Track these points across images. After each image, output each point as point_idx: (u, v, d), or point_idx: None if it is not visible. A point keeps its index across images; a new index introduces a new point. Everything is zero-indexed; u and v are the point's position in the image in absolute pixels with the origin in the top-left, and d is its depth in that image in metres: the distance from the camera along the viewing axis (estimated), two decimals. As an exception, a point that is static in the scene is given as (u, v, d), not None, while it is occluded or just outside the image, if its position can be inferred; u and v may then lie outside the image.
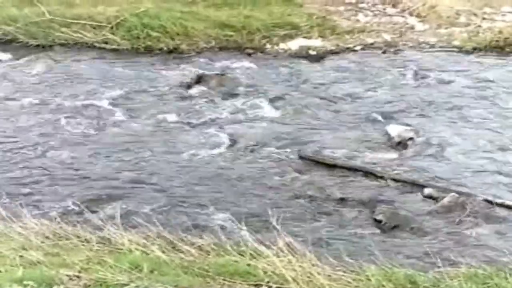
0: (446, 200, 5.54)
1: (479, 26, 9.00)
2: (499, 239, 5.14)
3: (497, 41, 8.55)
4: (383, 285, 4.14)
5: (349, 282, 4.21)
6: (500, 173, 5.98)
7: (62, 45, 8.79)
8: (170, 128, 6.89)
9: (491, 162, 6.15)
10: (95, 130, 6.86)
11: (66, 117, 7.09)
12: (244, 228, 4.76)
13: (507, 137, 6.59)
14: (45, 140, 6.65)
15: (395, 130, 6.65)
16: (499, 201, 5.52)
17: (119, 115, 7.15)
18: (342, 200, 5.63)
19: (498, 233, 5.23)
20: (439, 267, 4.37)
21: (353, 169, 6.03)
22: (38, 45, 8.81)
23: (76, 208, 5.42)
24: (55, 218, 4.96)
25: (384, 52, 8.58)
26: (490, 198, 5.54)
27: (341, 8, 9.65)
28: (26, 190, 5.77)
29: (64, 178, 5.97)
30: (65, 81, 7.93)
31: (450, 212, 5.44)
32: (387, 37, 8.91)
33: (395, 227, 5.29)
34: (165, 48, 8.69)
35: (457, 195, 5.58)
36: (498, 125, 6.83)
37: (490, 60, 8.30)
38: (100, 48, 8.71)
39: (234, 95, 7.55)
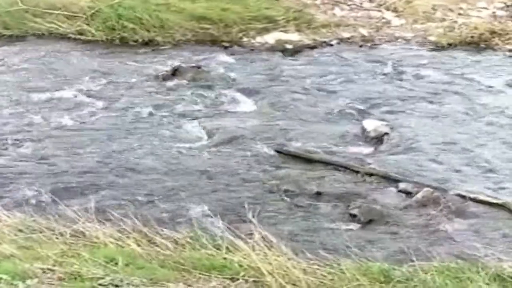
0: (420, 195, 5.59)
1: (455, 21, 9.08)
2: (472, 234, 5.21)
3: (472, 37, 8.63)
4: (357, 279, 4.18)
5: (324, 276, 4.24)
6: (474, 168, 6.05)
7: (35, 35, 8.67)
8: (145, 121, 6.85)
9: (465, 157, 6.22)
10: (69, 122, 6.79)
11: (39, 109, 7.01)
12: (220, 221, 4.76)
13: (481, 132, 6.66)
14: (18, 132, 6.57)
15: (370, 124, 6.69)
16: (472, 196, 5.59)
17: (93, 108, 7.09)
18: (317, 194, 5.65)
19: (471, 227, 5.30)
20: (412, 261, 4.41)
21: (329, 164, 6.06)
22: (11, 36, 8.68)
23: (50, 201, 5.37)
24: (28, 211, 4.91)
25: (360, 47, 8.62)
26: (463, 193, 5.60)
27: (318, 1, 9.66)
28: (-1, 182, 5.71)
29: (37, 170, 5.90)
30: (39, 73, 7.83)
31: (424, 207, 5.50)
32: (364, 31, 8.95)
33: (369, 221, 5.33)
34: (140, 40, 8.62)
35: (431, 190, 5.63)
36: (472, 120, 6.91)
37: (465, 55, 8.38)
38: (74, 39, 8.62)
39: (210, 88, 7.53)
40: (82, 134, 6.56)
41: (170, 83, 7.67)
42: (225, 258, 4.25)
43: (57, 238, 4.50)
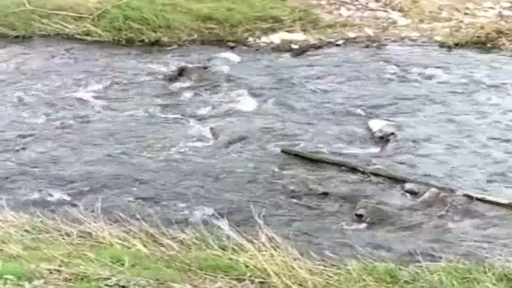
0: (426, 195, 5.58)
1: (461, 21, 9.06)
2: (479, 234, 5.19)
3: (478, 36, 8.60)
4: (363, 279, 4.17)
5: (330, 276, 4.23)
6: (480, 168, 6.03)
7: (42, 36, 8.70)
8: (151, 121, 6.86)
9: (472, 157, 6.20)
10: (75, 122, 6.81)
11: (46, 109, 7.03)
12: (226, 222, 4.76)
13: (488, 132, 6.64)
14: (24, 132, 6.59)
15: (376, 125, 6.68)
16: (479, 196, 5.57)
17: (99, 108, 7.11)
18: (324, 194, 5.64)
19: (478, 228, 5.28)
20: (419, 261, 4.40)
21: (335, 164, 6.05)
22: (17, 36, 8.71)
23: (57, 202, 5.38)
24: (35, 212, 4.92)
25: (366, 47, 8.60)
26: (470, 193, 5.59)
27: (324, 1, 9.65)
28: (5, 183, 5.72)
29: (44, 171, 5.92)
30: (45, 73, 7.85)
31: (431, 207, 5.48)
32: (370, 31, 8.93)
33: (376, 221, 5.32)
34: (146, 40, 8.63)
35: (437, 190, 5.62)
36: (479, 120, 6.88)
37: (472, 55, 8.36)
38: (81, 39, 8.64)
39: (216, 89, 7.53)
40: (88, 134, 6.57)
41: (176, 84, 7.68)
42: (231, 259, 4.25)
43: (63, 238, 4.51)
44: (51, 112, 6.98)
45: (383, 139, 6.50)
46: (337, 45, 8.65)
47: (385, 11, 9.47)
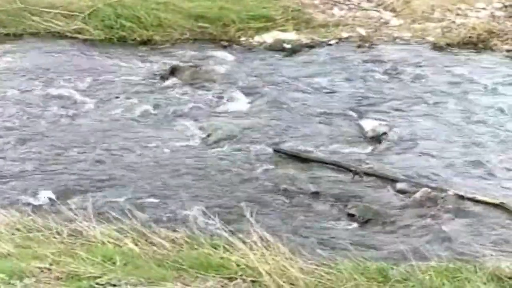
0: (418, 195, 5.60)
1: (453, 22, 9.09)
2: (469, 233, 5.22)
3: (470, 37, 8.63)
4: (355, 278, 4.18)
5: (322, 275, 4.23)
6: (471, 168, 6.05)
7: (33, 34, 8.66)
8: (143, 120, 6.85)
9: (463, 157, 6.23)
10: (66, 121, 6.79)
11: (36, 108, 7.00)
12: (218, 221, 4.76)
13: (479, 132, 6.67)
14: (14, 131, 6.56)
15: (368, 124, 6.69)
16: (470, 195, 5.59)
17: (90, 106, 7.09)
18: (315, 194, 5.65)
19: (469, 227, 5.31)
20: (410, 261, 4.41)
21: (327, 163, 6.06)
22: (8, 34, 8.67)
23: (47, 200, 5.36)
24: (26, 210, 4.90)
25: (358, 47, 8.62)
26: (461, 193, 5.61)
27: (316, 1, 9.67)
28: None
29: (35, 169, 5.90)
30: (35, 71, 7.82)
31: (422, 207, 5.50)
32: (362, 31, 8.95)
33: (367, 221, 5.33)
34: (138, 39, 8.62)
35: (429, 189, 5.63)
36: (470, 120, 6.92)
37: (463, 56, 8.39)
38: (72, 38, 8.61)
39: (208, 88, 7.53)
40: (79, 133, 6.55)
41: (168, 82, 7.66)
42: (222, 258, 4.25)
43: (54, 237, 4.49)
44: (41, 111, 6.95)
45: (375, 139, 6.51)
46: (330, 44, 8.66)
47: (378, 11, 9.49)
